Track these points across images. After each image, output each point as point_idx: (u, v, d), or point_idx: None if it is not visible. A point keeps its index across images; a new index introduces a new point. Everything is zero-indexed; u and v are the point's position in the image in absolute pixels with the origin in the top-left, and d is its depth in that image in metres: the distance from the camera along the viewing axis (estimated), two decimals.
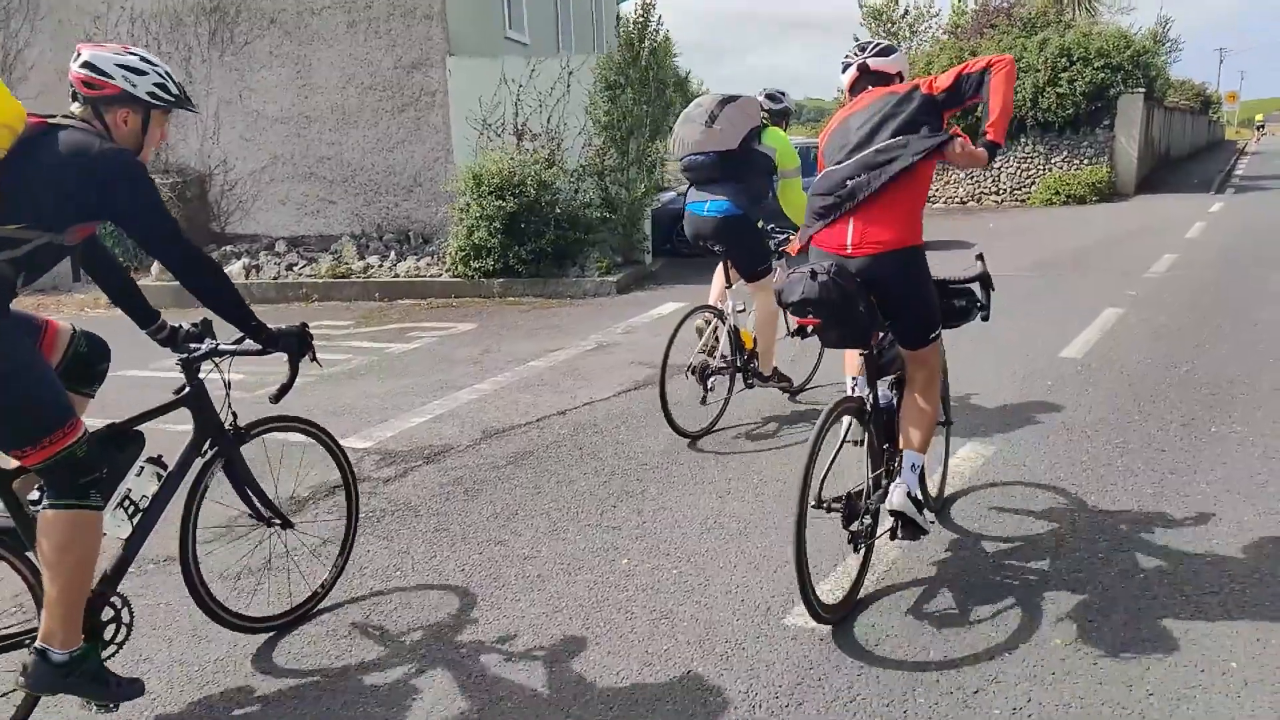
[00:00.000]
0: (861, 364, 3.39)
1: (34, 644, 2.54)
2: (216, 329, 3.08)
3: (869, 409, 3.35)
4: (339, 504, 3.93)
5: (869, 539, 3.32)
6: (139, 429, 2.89)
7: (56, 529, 2.50)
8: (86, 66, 2.61)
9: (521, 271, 10.44)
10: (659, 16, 11.27)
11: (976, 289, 3.59)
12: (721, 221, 5.13)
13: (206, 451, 3.06)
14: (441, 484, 4.70)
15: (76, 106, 2.65)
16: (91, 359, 2.93)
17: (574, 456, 5.06)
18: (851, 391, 3.66)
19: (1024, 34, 21.85)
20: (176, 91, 2.74)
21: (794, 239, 5.45)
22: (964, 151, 3.26)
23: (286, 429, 3.31)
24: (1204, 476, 4.39)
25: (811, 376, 6.01)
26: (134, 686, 2.69)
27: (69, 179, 2.47)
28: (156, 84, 2.68)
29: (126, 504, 2.80)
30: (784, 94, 5.67)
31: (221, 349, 2.99)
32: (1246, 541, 3.70)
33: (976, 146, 3.29)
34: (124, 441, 2.83)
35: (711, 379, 5.26)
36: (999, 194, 20.89)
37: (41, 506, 2.55)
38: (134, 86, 2.64)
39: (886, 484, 3.36)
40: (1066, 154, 20.31)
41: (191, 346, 3.01)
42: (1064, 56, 19.97)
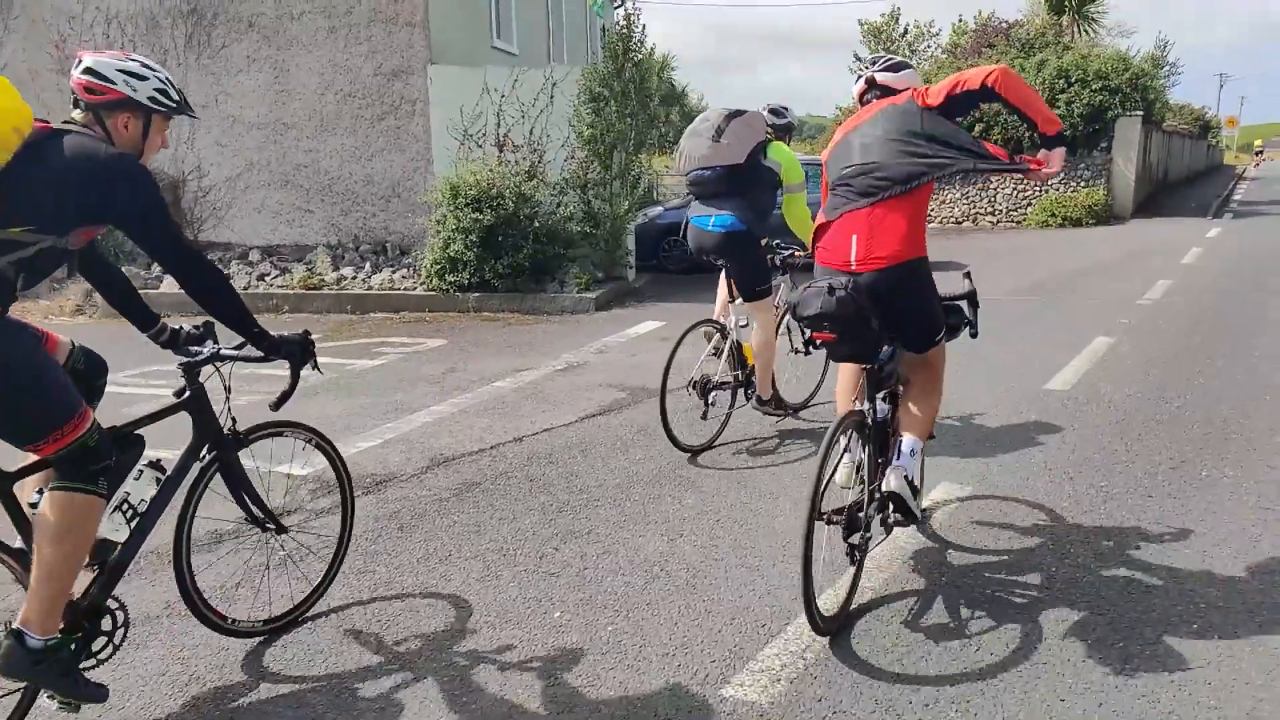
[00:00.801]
0: (862, 379, 3.42)
1: (11, 625, 2.54)
2: (216, 331, 3.05)
3: (870, 423, 3.35)
4: (335, 503, 3.75)
5: (865, 552, 3.31)
6: (139, 433, 2.89)
7: (61, 509, 2.52)
8: (88, 72, 2.64)
9: (498, 286, 10.12)
10: (643, 27, 11.04)
11: (965, 306, 3.65)
12: (725, 236, 5.04)
13: (204, 456, 3.06)
14: (376, 518, 4.38)
15: (78, 113, 2.68)
16: (89, 375, 2.93)
17: (522, 489, 4.74)
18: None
19: (1022, 54, 21.68)
20: (177, 97, 2.78)
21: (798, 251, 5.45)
22: (1048, 170, 3.27)
23: (286, 435, 3.33)
24: (1194, 526, 4.08)
25: (814, 394, 5.94)
26: (99, 691, 2.66)
27: (72, 182, 2.50)
28: (157, 89, 2.72)
29: (125, 507, 2.81)
30: (787, 109, 5.68)
31: (223, 354, 2.99)
32: (1237, 604, 3.39)
33: (1039, 155, 3.29)
34: (124, 445, 2.84)
35: (713, 394, 5.18)
36: (994, 215, 20.64)
37: (49, 488, 2.56)
38: (135, 92, 2.67)
39: (882, 471, 3.34)
40: (1063, 176, 20.02)
41: (193, 350, 3.03)
42: (1062, 78, 19.78)
